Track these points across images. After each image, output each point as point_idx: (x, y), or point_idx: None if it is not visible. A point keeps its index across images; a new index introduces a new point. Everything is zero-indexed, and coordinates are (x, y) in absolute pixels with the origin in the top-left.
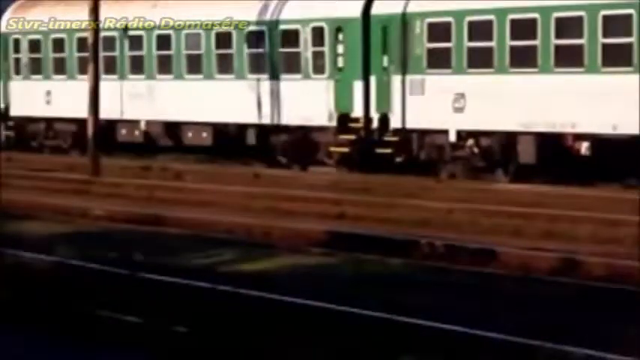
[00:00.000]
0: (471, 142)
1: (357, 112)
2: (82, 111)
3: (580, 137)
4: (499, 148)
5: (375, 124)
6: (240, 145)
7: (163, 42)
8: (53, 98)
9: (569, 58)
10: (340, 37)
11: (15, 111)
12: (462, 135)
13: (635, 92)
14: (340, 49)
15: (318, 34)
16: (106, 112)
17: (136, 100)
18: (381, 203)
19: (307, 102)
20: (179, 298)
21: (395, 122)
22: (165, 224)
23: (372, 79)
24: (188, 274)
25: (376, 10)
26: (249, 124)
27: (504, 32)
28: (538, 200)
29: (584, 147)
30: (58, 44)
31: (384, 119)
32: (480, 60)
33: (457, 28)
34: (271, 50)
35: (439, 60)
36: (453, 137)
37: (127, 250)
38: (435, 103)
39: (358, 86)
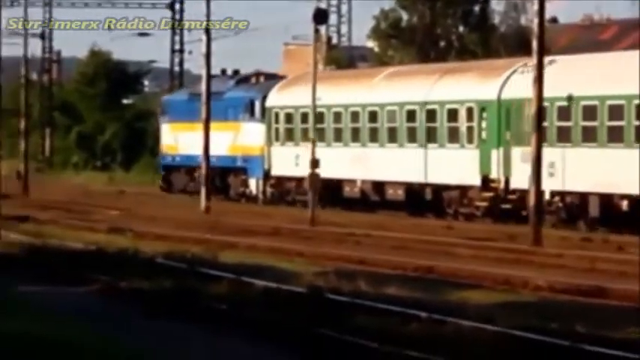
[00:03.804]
0: (557, 199)
1: (494, 174)
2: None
3: None
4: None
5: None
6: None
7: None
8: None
9: None
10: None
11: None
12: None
13: None
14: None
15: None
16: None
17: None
18: None
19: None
20: None
21: (514, 183)
22: (607, 296)
23: (501, 150)
24: (627, 347)
25: (503, 95)
26: (426, 184)
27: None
28: None
29: None
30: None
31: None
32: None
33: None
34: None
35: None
36: (547, 196)
37: (567, 322)
38: None
39: (495, 154)
